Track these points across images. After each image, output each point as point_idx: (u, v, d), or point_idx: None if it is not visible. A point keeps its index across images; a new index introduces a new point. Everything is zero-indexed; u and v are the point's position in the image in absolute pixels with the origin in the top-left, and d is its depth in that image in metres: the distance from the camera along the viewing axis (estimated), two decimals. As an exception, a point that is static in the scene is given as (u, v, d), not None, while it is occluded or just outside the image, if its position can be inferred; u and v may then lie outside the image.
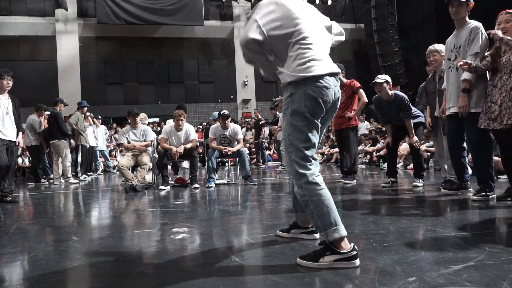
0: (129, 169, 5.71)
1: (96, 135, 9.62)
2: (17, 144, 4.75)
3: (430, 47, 4.22)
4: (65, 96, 10.85)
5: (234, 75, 15.87)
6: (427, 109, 4.63)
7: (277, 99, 9.56)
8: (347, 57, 16.61)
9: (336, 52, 13.63)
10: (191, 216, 3.26)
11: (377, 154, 9.07)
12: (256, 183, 5.65)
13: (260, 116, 11.13)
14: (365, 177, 5.37)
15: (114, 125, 13.10)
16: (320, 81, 1.80)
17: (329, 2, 15.29)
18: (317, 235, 2.13)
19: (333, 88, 1.86)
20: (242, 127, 12.72)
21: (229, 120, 6.01)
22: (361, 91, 5.25)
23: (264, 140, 11.24)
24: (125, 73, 15.06)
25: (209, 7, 15.39)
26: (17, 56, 14.14)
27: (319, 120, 1.86)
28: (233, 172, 6.92)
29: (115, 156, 11.50)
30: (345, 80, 5.29)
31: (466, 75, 3.29)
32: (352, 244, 1.75)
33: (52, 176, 7.74)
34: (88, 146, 8.57)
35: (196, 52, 15.75)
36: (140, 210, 3.86)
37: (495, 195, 3.44)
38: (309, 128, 1.81)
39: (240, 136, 6.02)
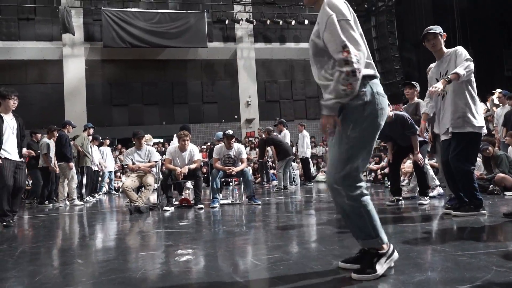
0: (133, 190, 5.73)
1: (104, 157, 9.70)
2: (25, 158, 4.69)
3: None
4: (71, 118, 10.98)
5: (238, 95, 16.04)
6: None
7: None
8: (349, 76, 16.74)
9: (338, 72, 13.48)
10: (195, 237, 3.25)
11: (382, 171, 9.03)
12: (260, 203, 5.63)
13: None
14: (370, 196, 5.36)
15: (119, 146, 13.19)
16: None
17: (330, 23, 15.57)
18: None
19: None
20: (246, 147, 12.77)
21: (233, 139, 6.05)
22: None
23: (269, 159, 11.24)
24: (130, 95, 15.27)
25: (212, 30, 15.71)
26: (25, 79, 14.41)
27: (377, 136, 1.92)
28: (237, 192, 6.91)
29: (120, 177, 11.55)
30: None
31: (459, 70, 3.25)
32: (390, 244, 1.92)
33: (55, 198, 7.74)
34: (93, 168, 8.63)
35: (200, 73, 15.99)
36: (144, 231, 3.85)
37: (485, 211, 3.49)
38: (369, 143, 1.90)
39: (244, 156, 6.05)
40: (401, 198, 4.86)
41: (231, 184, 7.59)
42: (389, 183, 6.30)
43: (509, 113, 6.46)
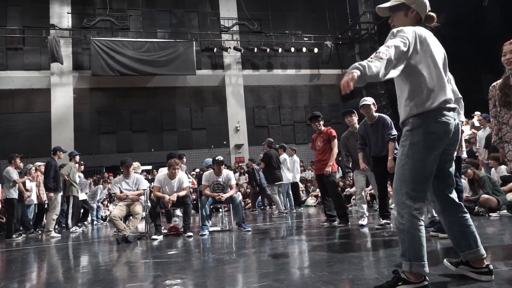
0: (121, 219, 5.65)
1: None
2: None
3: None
4: (58, 146, 10.87)
5: (226, 121, 16.15)
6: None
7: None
8: (335, 101, 17.10)
9: (325, 97, 14.10)
10: (184, 266, 3.21)
11: (369, 191, 9.06)
12: (250, 229, 5.59)
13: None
14: (359, 219, 5.39)
15: (106, 174, 12.99)
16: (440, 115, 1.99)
17: (316, 50, 16.02)
18: (491, 277, 2.05)
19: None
20: (235, 172, 12.76)
21: (223, 166, 6.07)
22: (335, 141, 5.61)
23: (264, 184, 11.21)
24: (118, 123, 15.25)
25: (200, 57, 15.98)
26: (11, 108, 14.32)
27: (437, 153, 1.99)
28: (226, 219, 6.86)
29: (107, 206, 11.36)
30: (323, 128, 5.73)
31: None
32: (424, 276, 1.91)
33: (25, 231, 7.40)
34: (79, 197, 8.49)
35: (189, 100, 16.12)
36: (132, 262, 3.78)
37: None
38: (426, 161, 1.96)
39: (233, 182, 6.05)
40: (389, 221, 4.89)
41: (220, 210, 7.54)
42: (377, 206, 6.34)
43: (490, 136, 6.65)
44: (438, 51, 2.08)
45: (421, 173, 1.96)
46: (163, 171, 6.14)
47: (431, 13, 2.16)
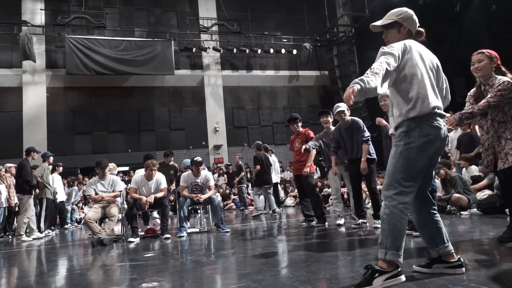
0: (96, 222, 5.51)
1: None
2: None
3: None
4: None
5: (205, 122, 16.05)
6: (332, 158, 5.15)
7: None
8: (314, 102, 17.30)
9: (303, 98, 14.28)
10: (161, 269, 3.17)
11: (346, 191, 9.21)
12: (228, 230, 5.58)
13: (241, 162, 11.20)
14: (336, 219, 5.48)
15: (80, 176, 12.65)
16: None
17: (294, 52, 16.15)
18: (463, 270, 2.19)
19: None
20: (214, 173, 12.70)
21: (202, 166, 6.03)
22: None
23: (244, 185, 11.24)
24: (94, 123, 14.90)
25: (179, 57, 15.82)
26: (-20, 107, 13.78)
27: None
28: (205, 220, 6.82)
29: (82, 208, 11.07)
30: (301, 129, 5.80)
31: None
32: (397, 264, 2.04)
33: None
34: (53, 199, 8.25)
35: (167, 100, 15.93)
36: (107, 265, 3.70)
37: None
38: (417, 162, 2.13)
39: (212, 183, 6.02)
40: (365, 221, 4.99)
41: (199, 211, 7.49)
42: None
43: (461, 137, 6.89)
44: (429, 61, 2.26)
45: (411, 172, 2.10)
46: (140, 172, 6.03)
47: (420, 29, 2.37)
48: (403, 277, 2.06)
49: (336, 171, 5.18)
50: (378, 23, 2.39)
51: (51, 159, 8.24)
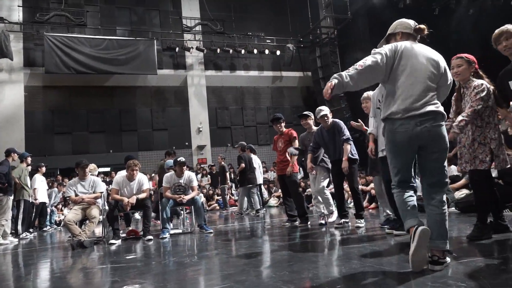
0: (76, 224, 5.40)
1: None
2: None
3: (364, 94, 4.62)
4: (7, 147, 10.22)
5: (188, 122, 15.95)
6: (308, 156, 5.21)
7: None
8: (297, 103, 17.41)
9: (287, 99, 14.33)
10: (143, 271, 3.13)
11: (330, 191, 9.31)
12: (212, 231, 5.56)
13: (223, 163, 11.16)
14: (318, 218, 5.53)
15: (59, 177, 12.37)
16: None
17: (278, 53, 16.22)
18: (435, 267, 2.26)
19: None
20: (197, 174, 12.63)
21: (185, 167, 5.99)
22: (296, 141, 5.73)
23: (227, 185, 11.21)
24: (74, 123, 14.59)
25: (162, 57, 15.66)
26: (-47, 107, 13.29)
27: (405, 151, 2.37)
28: (188, 221, 6.78)
29: (62, 210, 10.82)
30: (284, 129, 5.83)
31: None
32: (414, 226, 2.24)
33: None
34: (31, 201, 8.04)
35: (150, 100, 15.75)
36: (88, 268, 3.63)
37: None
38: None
39: (195, 184, 5.98)
40: (348, 220, 5.05)
41: (182, 212, 7.43)
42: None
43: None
44: (423, 63, 2.36)
45: (395, 167, 2.41)
46: (122, 173, 5.94)
47: (420, 25, 2.50)
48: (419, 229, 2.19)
49: (312, 167, 5.21)
50: (382, 42, 2.63)
51: (29, 159, 8.03)
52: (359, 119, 4.66)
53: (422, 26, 2.51)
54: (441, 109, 2.33)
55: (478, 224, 3.26)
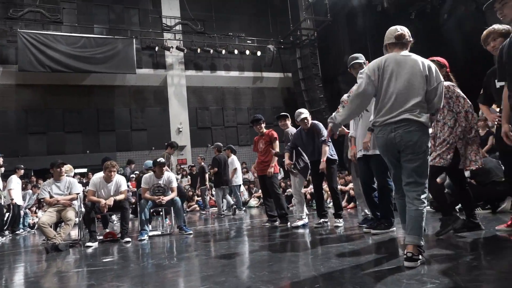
0: (51, 226, 5.25)
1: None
2: None
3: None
4: (-23, 148, 9.85)
5: (168, 122, 15.75)
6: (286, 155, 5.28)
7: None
8: (278, 104, 17.48)
9: (267, 100, 14.36)
10: (121, 273, 3.07)
11: (310, 192, 9.41)
12: (191, 232, 5.51)
13: (203, 163, 11.08)
14: (298, 218, 5.57)
15: (33, 178, 11.99)
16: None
17: (258, 53, 16.24)
18: (405, 263, 2.37)
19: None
20: (177, 174, 12.49)
21: (165, 168, 5.92)
22: (277, 142, 5.76)
23: (207, 186, 11.14)
24: (49, 122, 14.16)
25: (141, 56, 15.40)
26: None
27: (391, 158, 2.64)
28: (167, 222, 6.70)
29: (36, 213, 10.49)
30: (264, 130, 5.85)
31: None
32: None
33: None
34: (3, 203, 7.76)
35: (128, 99, 15.47)
36: (63, 271, 3.53)
37: (394, 229, 3.86)
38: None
39: (175, 185, 5.92)
40: (327, 220, 5.11)
41: (161, 214, 7.33)
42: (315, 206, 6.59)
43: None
44: (406, 73, 2.52)
45: (386, 168, 2.93)
46: (99, 174, 5.81)
47: (396, 33, 2.64)
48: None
49: (290, 164, 5.24)
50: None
51: (1, 160, 7.77)
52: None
53: (400, 32, 2.63)
54: (419, 117, 2.47)
55: (440, 218, 3.45)
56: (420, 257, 2.37)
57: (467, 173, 4.68)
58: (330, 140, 4.99)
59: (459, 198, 3.87)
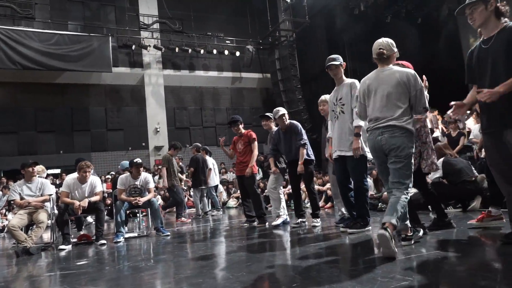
0: (21, 229, 5.06)
1: None
2: None
3: (321, 97, 4.76)
4: None
5: (146, 122, 15.51)
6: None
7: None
8: (256, 104, 17.52)
9: (246, 100, 14.38)
10: (95, 277, 3.00)
11: (288, 192, 9.47)
12: (169, 233, 5.45)
13: (181, 163, 10.94)
14: (275, 219, 5.60)
15: (4, 179, 11.55)
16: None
17: (237, 54, 16.22)
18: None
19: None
20: (155, 175, 12.31)
21: (142, 168, 5.82)
22: (255, 143, 5.76)
23: (185, 187, 11.00)
24: (20, 121, 13.68)
25: (117, 54, 15.09)
26: None
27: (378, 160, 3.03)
28: (144, 224, 6.59)
29: (5, 215, 10.10)
30: (243, 131, 5.85)
31: (358, 122, 3.77)
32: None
33: None
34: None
35: (104, 98, 15.13)
36: (34, 276, 3.42)
37: (370, 228, 3.95)
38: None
39: (152, 185, 5.83)
40: (305, 220, 5.15)
41: (138, 215, 7.21)
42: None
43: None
44: (386, 88, 2.91)
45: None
46: (73, 175, 5.65)
47: (377, 51, 2.98)
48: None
49: (276, 171, 5.29)
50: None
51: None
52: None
53: (379, 50, 2.98)
54: (403, 123, 2.82)
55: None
56: (416, 233, 3.06)
57: (438, 174, 4.85)
58: (307, 139, 5.04)
59: (426, 201, 4.04)
